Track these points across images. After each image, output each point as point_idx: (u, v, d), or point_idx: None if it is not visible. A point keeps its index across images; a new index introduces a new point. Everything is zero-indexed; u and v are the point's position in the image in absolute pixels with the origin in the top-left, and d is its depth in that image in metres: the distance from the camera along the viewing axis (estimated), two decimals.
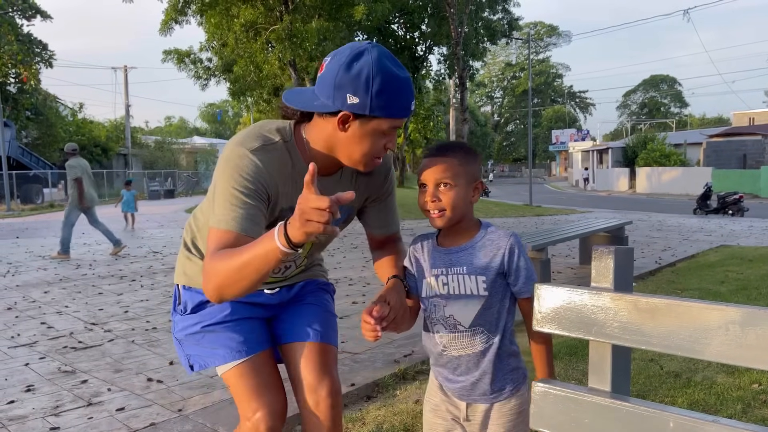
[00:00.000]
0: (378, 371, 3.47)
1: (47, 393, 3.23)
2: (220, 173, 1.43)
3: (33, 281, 6.80)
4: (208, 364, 1.67)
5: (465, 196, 1.44)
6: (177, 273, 1.77)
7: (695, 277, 6.14)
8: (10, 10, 28.76)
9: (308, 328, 1.70)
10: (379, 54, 1.37)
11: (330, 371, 1.66)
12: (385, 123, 1.40)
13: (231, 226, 1.37)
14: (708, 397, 2.89)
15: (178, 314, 1.74)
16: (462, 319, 1.45)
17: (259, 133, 1.47)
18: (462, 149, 1.47)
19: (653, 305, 1.13)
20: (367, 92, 1.35)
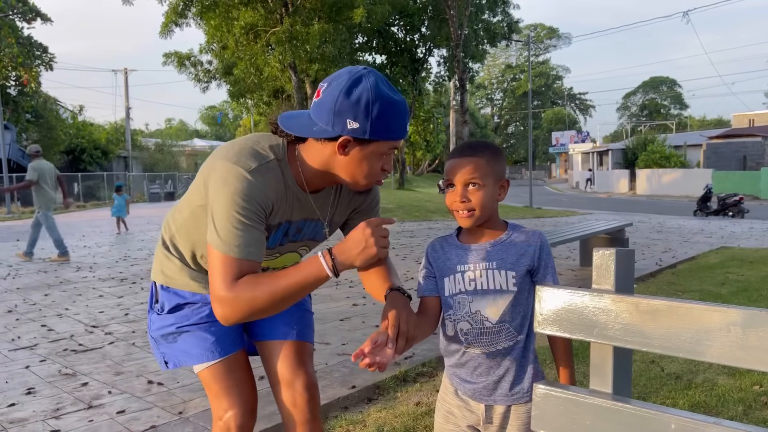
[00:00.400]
0: (378, 374, 3.47)
1: (48, 396, 3.23)
2: (219, 195, 1.43)
3: (33, 284, 6.80)
4: (183, 363, 1.71)
5: (493, 195, 1.46)
6: (154, 271, 1.77)
7: (696, 279, 6.14)
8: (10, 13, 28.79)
9: (285, 327, 1.75)
10: (376, 79, 1.41)
11: (305, 367, 1.72)
12: (385, 145, 1.45)
13: (236, 254, 1.41)
14: (709, 398, 2.89)
15: (154, 313, 1.75)
16: (490, 315, 1.44)
17: (254, 150, 1.48)
18: (489, 148, 1.48)
19: (654, 307, 1.13)
20: (367, 117, 1.39)
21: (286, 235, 1.62)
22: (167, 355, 1.73)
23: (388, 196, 20.79)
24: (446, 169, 1.49)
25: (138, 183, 34.62)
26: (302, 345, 1.76)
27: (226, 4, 17.57)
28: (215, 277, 1.42)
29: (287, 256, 1.71)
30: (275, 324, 1.76)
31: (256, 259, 1.44)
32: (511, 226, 1.51)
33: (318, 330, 4.46)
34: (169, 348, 1.72)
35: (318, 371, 3.54)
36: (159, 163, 40.06)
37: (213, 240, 1.43)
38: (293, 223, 1.60)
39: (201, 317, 1.70)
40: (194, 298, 1.71)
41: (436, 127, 45.64)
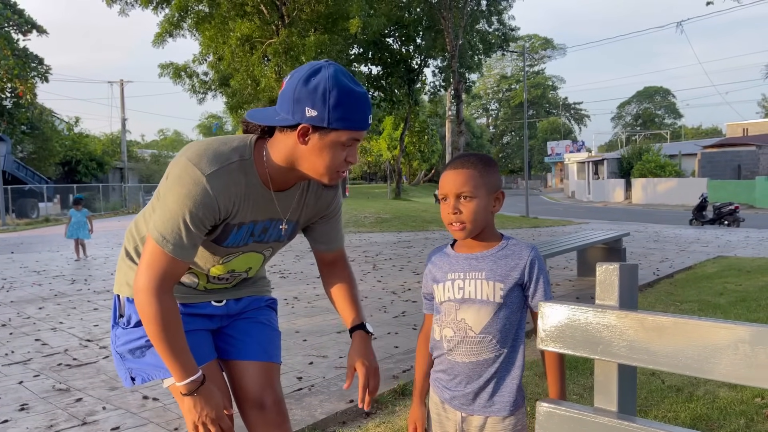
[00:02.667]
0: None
1: (41, 412, 3.18)
2: (171, 191, 1.45)
3: (28, 297, 6.74)
4: (152, 377, 1.69)
5: (485, 207, 1.46)
6: (118, 283, 1.73)
7: (694, 289, 6.12)
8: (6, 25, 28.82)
9: (254, 347, 1.77)
10: (335, 70, 1.42)
11: (273, 385, 1.76)
12: (344, 135, 1.44)
13: (174, 253, 1.45)
14: (711, 411, 2.87)
15: (119, 327, 1.71)
16: (473, 324, 1.44)
17: (217, 152, 1.48)
18: (481, 160, 1.48)
19: (660, 323, 1.11)
20: (325, 105, 1.39)
21: (252, 234, 1.62)
22: (134, 370, 1.70)
23: (384, 207, 20.79)
24: (440, 181, 1.51)
25: (134, 194, 34.52)
26: (268, 365, 1.77)
27: (222, 16, 17.62)
28: (143, 266, 1.47)
29: (250, 256, 1.70)
30: (242, 342, 1.78)
31: (187, 260, 1.48)
32: (505, 238, 1.51)
33: (315, 343, 4.43)
34: (136, 362, 1.69)
35: (316, 385, 3.50)
36: (155, 174, 39.99)
37: (153, 231, 1.46)
38: (258, 223, 1.60)
39: None
40: None
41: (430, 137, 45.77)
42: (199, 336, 1.71)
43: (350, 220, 16.90)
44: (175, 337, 1.49)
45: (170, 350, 1.48)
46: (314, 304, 5.91)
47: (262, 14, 17.57)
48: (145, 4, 17.76)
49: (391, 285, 6.92)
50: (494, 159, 1.56)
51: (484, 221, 1.46)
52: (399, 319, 5.23)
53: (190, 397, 1.53)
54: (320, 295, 6.36)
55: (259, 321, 1.83)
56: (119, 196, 34.34)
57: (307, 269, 8.30)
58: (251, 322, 1.82)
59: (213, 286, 1.73)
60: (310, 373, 3.72)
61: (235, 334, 1.79)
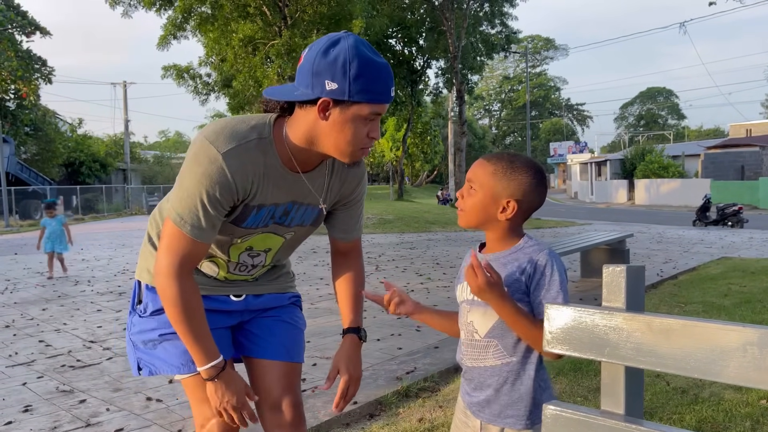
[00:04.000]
0: (380, 389, 3.43)
1: (45, 413, 3.18)
2: (188, 170, 1.43)
3: (31, 298, 6.75)
4: (160, 371, 1.66)
5: (484, 207, 1.39)
6: (139, 269, 1.71)
7: (698, 290, 6.10)
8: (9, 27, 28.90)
9: (277, 347, 1.74)
10: (355, 41, 1.36)
11: (293, 387, 1.74)
12: (366, 108, 1.38)
13: (193, 234, 1.44)
14: (716, 414, 2.85)
15: (136, 314, 1.69)
16: (479, 327, 1.41)
17: (235, 130, 1.44)
18: (507, 161, 1.40)
19: (668, 326, 1.10)
20: (345, 77, 1.33)
21: (272, 217, 1.58)
22: (143, 360, 1.67)
23: (387, 208, 20.78)
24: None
25: (137, 195, 34.57)
26: (291, 366, 1.75)
27: (224, 17, 17.63)
28: (164, 249, 1.46)
29: (269, 236, 1.64)
30: (266, 341, 1.74)
31: (206, 242, 1.46)
32: (524, 240, 1.42)
33: (318, 344, 4.42)
34: (146, 354, 1.66)
35: (319, 387, 3.49)
36: (158, 175, 40.09)
37: (172, 212, 1.44)
38: (279, 206, 1.56)
39: None
40: None
41: (432, 138, 45.74)
42: (217, 334, 1.66)
43: None
44: (196, 321, 1.47)
45: (191, 334, 1.46)
46: (317, 305, 5.91)
47: (265, 16, 17.59)
48: (149, 6, 17.78)
49: None
50: (525, 167, 1.41)
51: (480, 219, 1.41)
52: (402, 320, 5.22)
53: (211, 382, 1.51)
54: (323, 296, 6.36)
55: (283, 320, 1.79)
56: (122, 198, 34.40)
57: (309, 270, 8.29)
58: (276, 320, 1.78)
59: (234, 277, 1.69)
60: (313, 375, 3.71)
61: (259, 331, 1.76)
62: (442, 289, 6.61)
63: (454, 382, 3.58)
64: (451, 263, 8.80)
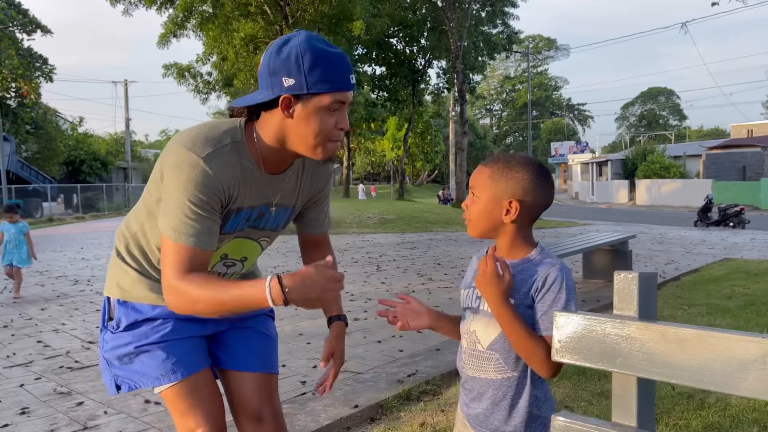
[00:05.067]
0: (381, 392, 3.39)
1: (42, 416, 3.14)
2: (171, 180, 1.40)
3: (30, 297, 6.71)
4: (139, 385, 1.61)
5: (489, 212, 1.35)
6: (108, 285, 1.66)
7: (701, 292, 6.05)
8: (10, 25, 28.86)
9: (253, 357, 1.71)
10: (306, 35, 1.39)
11: (272, 398, 1.72)
12: (327, 98, 1.38)
13: (190, 243, 1.39)
14: (723, 419, 2.81)
15: (108, 331, 1.63)
16: (482, 338, 1.36)
17: (209, 135, 1.43)
18: (504, 161, 1.36)
19: (683, 336, 1.06)
20: (300, 70, 1.35)
21: (248, 220, 1.58)
22: (120, 377, 1.61)
23: (388, 207, 20.73)
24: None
25: (137, 194, 34.51)
26: (267, 377, 1.73)
27: (225, 16, 17.60)
28: (166, 266, 1.40)
29: (244, 243, 1.63)
30: (241, 352, 1.72)
31: (208, 248, 1.42)
32: (536, 251, 1.36)
33: (319, 346, 4.38)
34: (123, 370, 1.61)
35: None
36: None
37: (165, 228, 1.41)
38: (255, 208, 1.56)
39: (162, 335, 1.59)
40: (154, 312, 1.60)
41: (433, 138, 45.70)
42: (191, 343, 1.64)
43: (354, 220, 16.85)
44: (227, 293, 1.35)
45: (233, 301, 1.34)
46: None
47: (266, 15, 17.54)
48: (149, 4, 17.74)
49: (395, 287, 6.87)
50: (521, 164, 1.36)
51: (486, 226, 1.36)
52: None
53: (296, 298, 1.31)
54: None
55: (257, 330, 1.76)
56: (123, 197, 34.38)
57: None
58: (251, 331, 1.75)
59: None
60: (313, 377, 3.67)
61: (234, 342, 1.73)
62: (444, 290, 6.57)
63: (456, 386, 3.54)
64: (453, 264, 8.75)
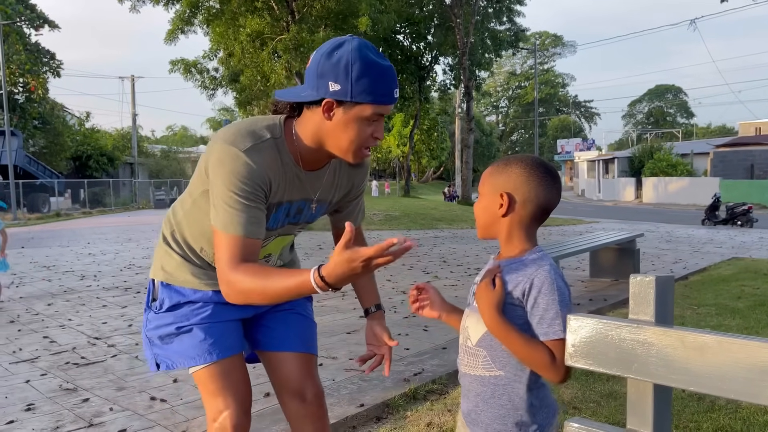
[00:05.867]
0: (388, 391, 3.36)
1: (48, 413, 3.14)
2: (217, 175, 1.47)
3: (37, 293, 6.73)
4: (177, 365, 1.69)
5: (486, 208, 1.35)
6: (154, 268, 1.75)
7: (710, 292, 6.00)
8: (18, 20, 28.94)
9: (293, 339, 1.78)
10: (359, 43, 1.41)
11: (313, 378, 1.78)
12: (368, 109, 1.42)
13: (238, 231, 1.44)
14: (734, 422, 2.78)
15: (152, 311, 1.73)
16: (472, 334, 1.35)
17: (249, 130, 1.49)
18: (503, 160, 1.37)
19: (702, 342, 1.03)
20: (348, 78, 1.38)
21: (288, 215, 1.63)
22: (160, 356, 1.71)
23: (393, 204, 20.70)
24: None
25: (144, 189, 34.64)
26: (308, 357, 1.79)
27: (232, 12, 17.57)
28: (220, 257, 1.46)
29: (284, 238, 1.72)
30: (280, 335, 1.78)
31: (257, 237, 1.47)
32: (530, 252, 1.33)
33: (324, 344, 4.36)
34: (162, 349, 1.70)
35: (325, 387, 3.41)
36: (165, 169, 40.14)
37: (215, 220, 1.47)
38: (294, 203, 1.62)
39: (202, 317, 1.68)
40: (195, 296, 1.69)
41: (439, 135, 45.57)
42: (228, 326, 1.71)
43: None
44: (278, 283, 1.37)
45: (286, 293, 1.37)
46: (323, 303, 5.85)
47: (272, 10, 17.52)
48: (156, 1, 17.75)
49: (401, 284, 6.85)
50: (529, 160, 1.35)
51: (486, 222, 1.36)
52: (409, 320, 5.16)
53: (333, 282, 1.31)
54: (329, 293, 6.30)
55: (296, 312, 1.84)
56: (129, 192, 34.48)
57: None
58: (290, 313, 1.82)
59: None
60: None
61: (274, 324, 1.80)
62: (450, 288, 6.54)
63: None
64: (458, 261, 8.72)
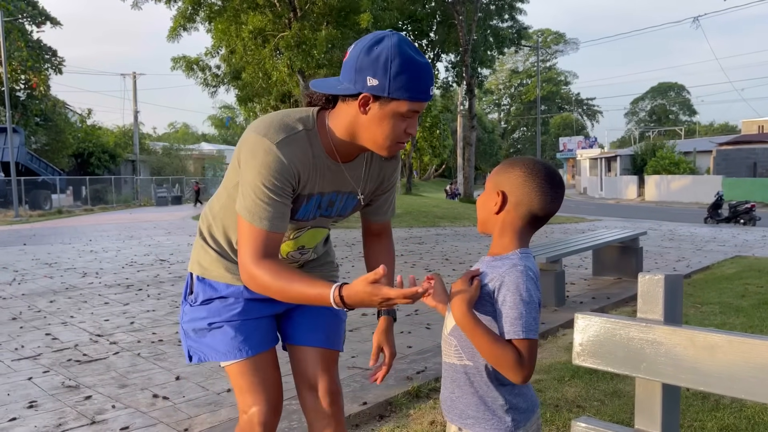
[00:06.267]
0: (390, 389, 3.36)
1: (50, 410, 3.13)
2: (248, 166, 1.49)
3: (39, 290, 6.73)
4: (208, 358, 1.76)
5: (484, 203, 1.38)
6: (192, 262, 1.82)
7: (714, 290, 5.98)
8: (20, 17, 28.94)
9: (317, 333, 1.83)
10: (399, 40, 1.43)
11: (330, 373, 1.81)
12: (404, 105, 1.43)
13: (264, 225, 1.48)
14: (738, 421, 2.76)
15: (188, 304, 1.79)
16: (448, 323, 1.37)
17: (282, 122, 1.52)
18: (508, 161, 1.37)
19: (712, 341, 1.02)
20: (386, 74, 1.40)
21: (319, 207, 1.66)
22: (193, 348, 1.78)
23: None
24: None
25: (146, 187, 34.66)
26: (329, 352, 1.84)
27: (234, 9, 17.54)
28: (242, 246, 1.50)
29: (318, 231, 1.75)
30: (306, 329, 1.84)
31: (280, 231, 1.51)
32: (516, 252, 1.31)
33: None
34: (196, 342, 1.76)
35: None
36: (166, 167, 40.14)
37: (240, 209, 1.51)
38: (325, 195, 1.63)
39: (232, 314, 1.73)
40: (228, 290, 1.74)
41: (442, 132, 45.52)
42: (260, 323, 1.76)
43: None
44: (296, 284, 1.44)
45: (300, 296, 1.44)
46: None
47: (274, 7, 17.48)
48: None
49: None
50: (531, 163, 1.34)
51: (482, 217, 1.39)
52: (412, 317, 5.15)
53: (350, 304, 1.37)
54: None
55: (326, 308, 1.84)
56: (131, 189, 34.50)
57: None
58: (319, 309, 1.85)
59: None
60: None
61: (302, 320, 1.85)
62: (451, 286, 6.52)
63: None
64: (461, 259, 8.71)
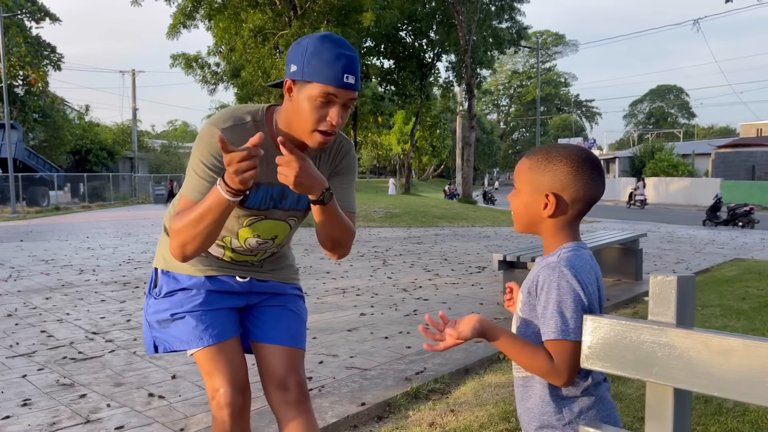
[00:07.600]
0: (389, 390, 3.32)
1: (44, 408, 3.09)
2: (194, 150, 1.60)
3: (35, 287, 6.68)
4: (173, 347, 1.81)
5: (527, 206, 1.29)
6: (157, 257, 1.88)
7: (714, 293, 5.96)
8: (19, 13, 28.84)
9: (281, 332, 1.86)
10: (326, 34, 1.51)
11: (296, 369, 1.84)
12: (316, 88, 1.47)
13: (194, 196, 1.56)
14: (742, 425, 2.73)
15: (152, 297, 1.85)
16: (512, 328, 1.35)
17: (232, 114, 1.62)
18: (542, 153, 1.29)
19: (728, 345, 0.98)
20: (302, 59, 1.49)
21: (272, 198, 1.70)
22: (158, 339, 1.83)
23: (394, 201, 20.65)
24: None
25: (144, 184, 34.60)
26: (294, 351, 1.87)
27: (234, 7, 17.51)
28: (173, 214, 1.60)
29: (276, 224, 1.77)
30: (269, 327, 1.87)
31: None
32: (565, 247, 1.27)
33: (324, 341, 4.32)
34: (161, 333, 1.82)
35: (326, 386, 3.39)
36: (165, 164, 40.08)
37: (182, 189, 1.62)
38: (276, 187, 1.67)
39: (194, 305, 1.79)
40: (190, 282, 1.80)
41: (442, 132, 45.50)
42: (221, 313, 1.81)
43: (359, 214, 16.77)
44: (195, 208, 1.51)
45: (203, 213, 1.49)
46: (324, 299, 5.80)
47: (275, 5, 17.45)
48: None
49: (401, 282, 6.80)
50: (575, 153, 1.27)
51: (527, 220, 1.31)
52: (410, 317, 5.11)
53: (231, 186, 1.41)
54: (329, 290, 6.25)
55: (288, 308, 1.92)
56: (129, 186, 34.42)
57: (316, 264, 8.19)
58: (282, 309, 1.91)
59: (239, 257, 1.82)
60: (320, 373, 3.61)
61: (264, 318, 1.88)
62: (450, 286, 6.49)
63: (465, 385, 3.47)
64: (459, 259, 8.67)
